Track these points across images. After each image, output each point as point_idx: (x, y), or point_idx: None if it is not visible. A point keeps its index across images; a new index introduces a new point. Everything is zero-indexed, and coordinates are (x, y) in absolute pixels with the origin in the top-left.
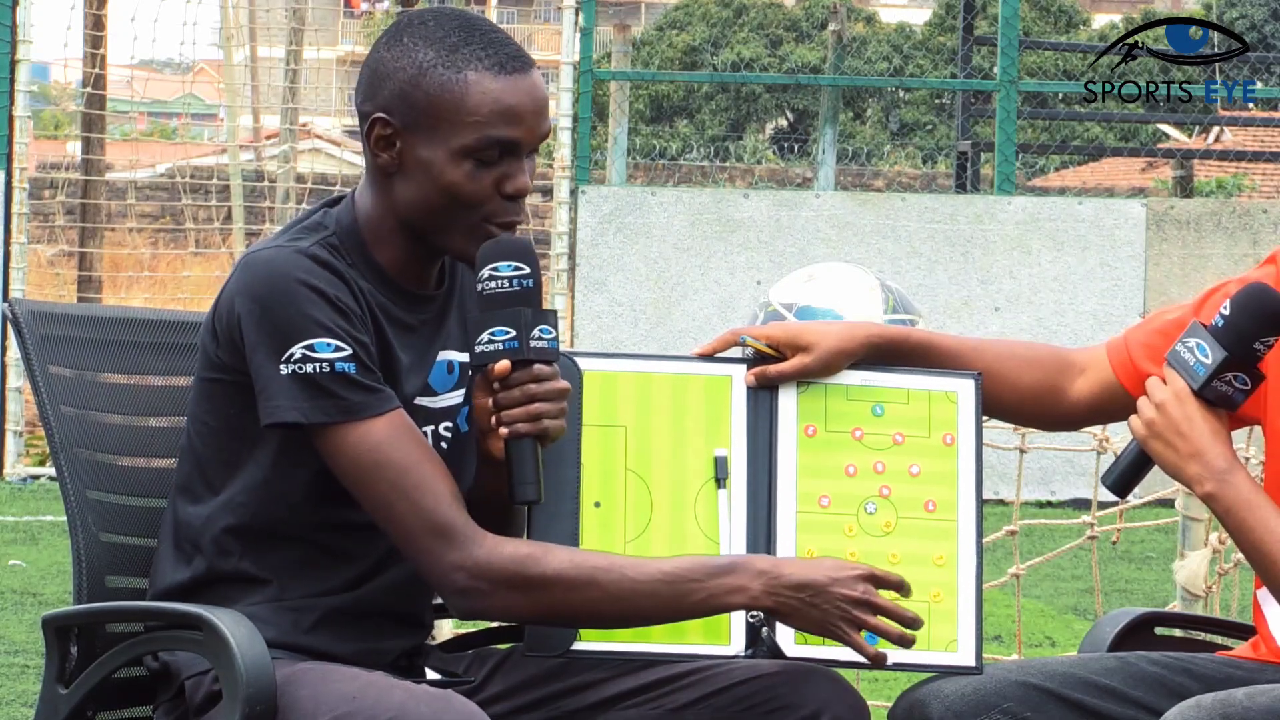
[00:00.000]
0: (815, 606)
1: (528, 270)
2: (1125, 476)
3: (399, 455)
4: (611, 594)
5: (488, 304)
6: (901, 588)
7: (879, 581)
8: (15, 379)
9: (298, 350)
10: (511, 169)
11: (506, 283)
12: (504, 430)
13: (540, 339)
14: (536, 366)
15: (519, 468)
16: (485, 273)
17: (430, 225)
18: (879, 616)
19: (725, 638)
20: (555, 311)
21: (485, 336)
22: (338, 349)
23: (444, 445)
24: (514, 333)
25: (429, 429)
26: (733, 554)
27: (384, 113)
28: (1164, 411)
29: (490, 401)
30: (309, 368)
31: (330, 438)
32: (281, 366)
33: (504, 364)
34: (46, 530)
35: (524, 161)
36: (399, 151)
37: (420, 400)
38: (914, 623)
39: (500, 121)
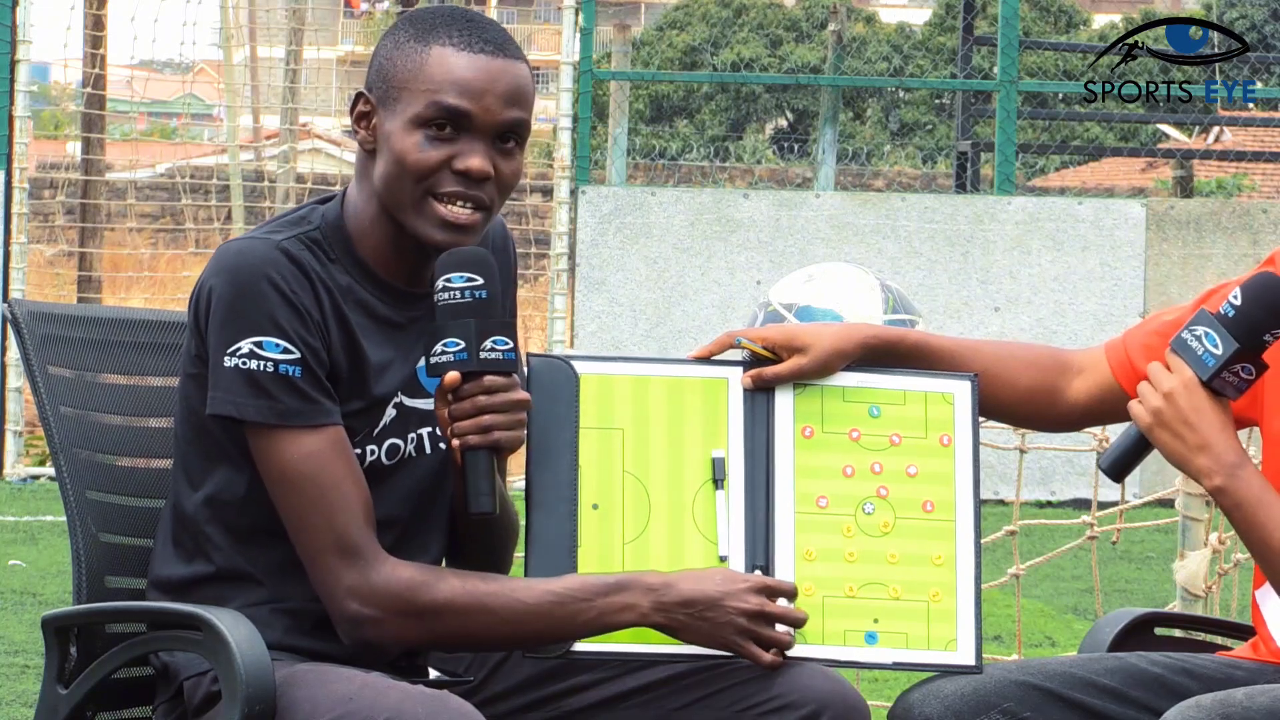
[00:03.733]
0: (707, 620)
1: (480, 281)
2: (1123, 461)
3: (323, 471)
4: (502, 618)
5: (441, 315)
6: (791, 593)
7: (772, 590)
8: (15, 379)
9: (245, 345)
10: (465, 148)
11: (459, 294)
12: (456, 441)
13: (493, 350)
14: (488, 378)
15: (472, 479)
16: (439, 284)
17: (390, 201)
18: (770, 628)
19: None
20: (512, 323)
21: (438, 348)
22: (285, 351)
23: (442, 446)
24: (464, 344)
25: (424, 431)
26: (623, 573)
27: (366, 90)
28: (1172, 401)
29: (445, 413)
30: (253, 364)
31: (261, 437)
32: (226, 358)
33: (453, 375)
34: (46, 530)
35: (480, 142)
36: (373, 127)
37: (413, 403)
38: (803, 622)
39: (452, 90)
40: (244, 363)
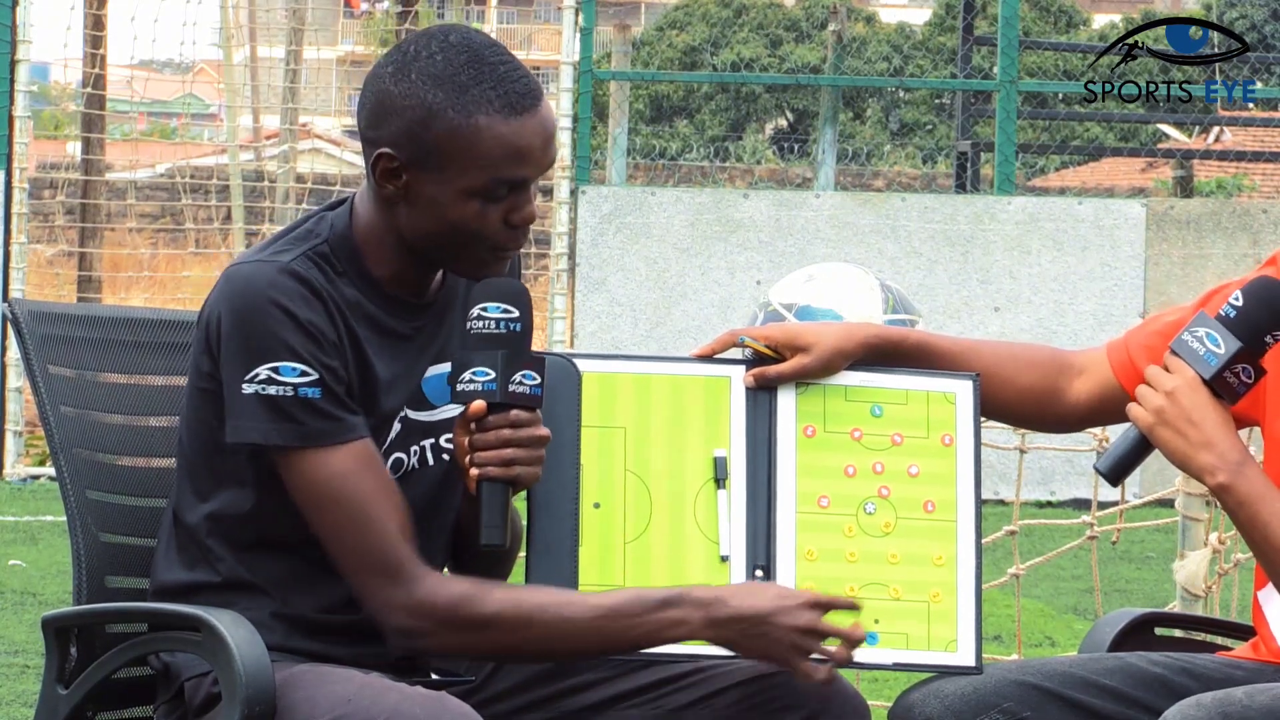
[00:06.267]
0: (761, 636)
1: (516, 314)
2: (1122, 464)
3: (354, 488)
4: (550, 634)
5: (473, 343)
6: (853, 606)
7: (825, 605)
8: (15, 379)
9: (263, 371)
10: (518, 201)
11: (493, 324)
12: (475, 471)
13: (521, 384)
14: (514, 412)
15: (487, 510)
16: (474, 312)
17: (436, 253)
18: (825, 641)
19: None
20: (543, 359)
21: (467, 375)
22: (303, 374)
23: (444, 458)
24: (493, 374)
25: (427, 443)
26: (674, 587)
27: (390, 148)
28: (1174, 399)
29: (466, 442)
30: (272, 390)
31: (288, 462)
32: (244, 385)
33: (479, 404)
34: (46, 530)
35: (530, 192)
36: (405, 184)
37: (416, 415)
38: (860, 641)
39: (510, 163)
40: (263, 389)
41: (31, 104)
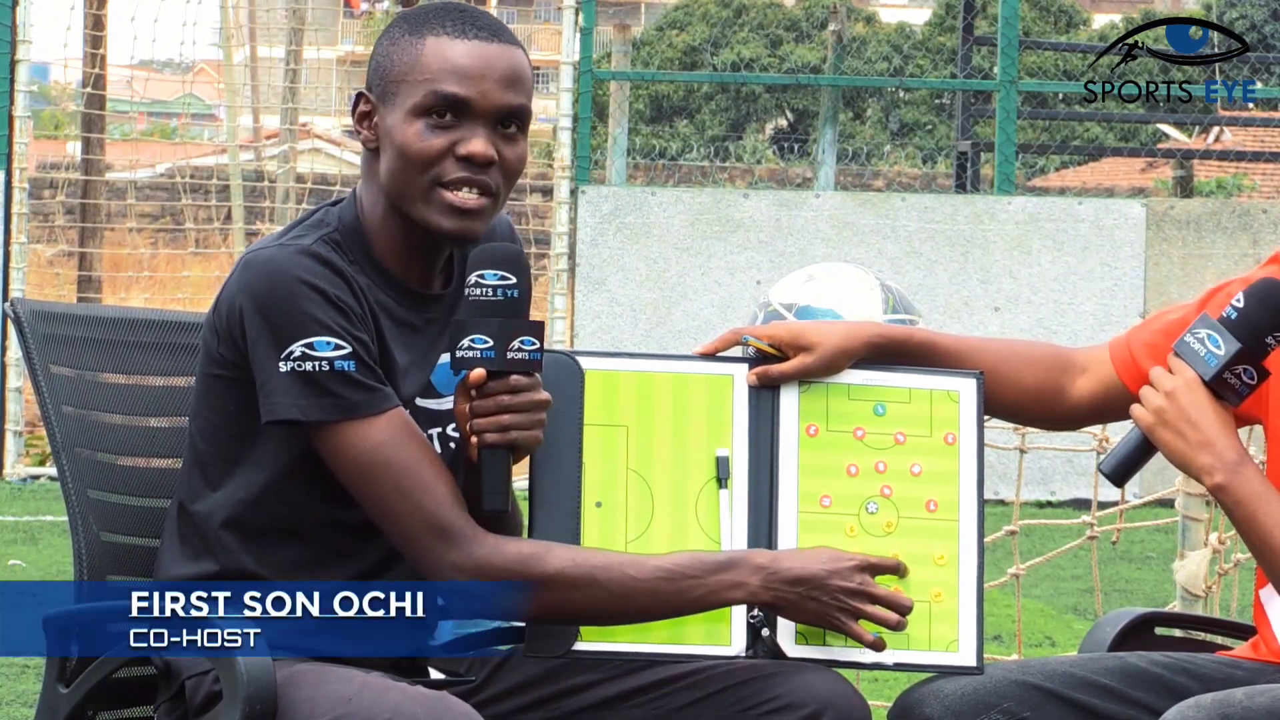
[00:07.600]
0: (814, 599)
1: (513, 280)
2: (1125, 465)
3: (399, 455)
4: (612, 592)
5: (471, 310)
6: (898, 570)
7: (875, 569)
8: (15, 379)
9: (297, 348)
10: (466, 132)
11: (491, 291)
12: (474, 438)
13: (520, 350)
14: (513, 378)
15: (487, 476)
16: (472, 279)
17: (397, 194)
18: (875, 605)
19: (725, 638)
20: (540, 323)
21: (465, 342)
22: (337, 347)
23: (452, 446)
24: (492, 342)
25: (434, 431)
26: (732, 549)
27: (366, 89)
28: (1174, 400)
29: (466, 408)
30: (308, 365)
31: (329, 436)
32: (281, 364)
33: (479, 372)
34: (46, 530)
35: (480, 126)
36: (374, 125)
37: (424, 402)
38: (909, 609)
39: (449, 78)
40: (299, 365)
41: (31, 104)
